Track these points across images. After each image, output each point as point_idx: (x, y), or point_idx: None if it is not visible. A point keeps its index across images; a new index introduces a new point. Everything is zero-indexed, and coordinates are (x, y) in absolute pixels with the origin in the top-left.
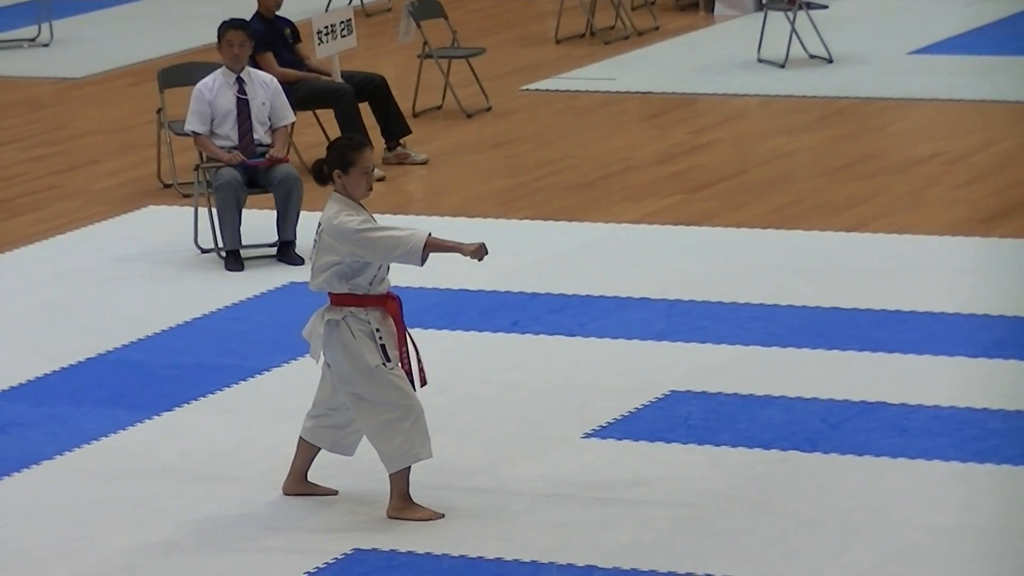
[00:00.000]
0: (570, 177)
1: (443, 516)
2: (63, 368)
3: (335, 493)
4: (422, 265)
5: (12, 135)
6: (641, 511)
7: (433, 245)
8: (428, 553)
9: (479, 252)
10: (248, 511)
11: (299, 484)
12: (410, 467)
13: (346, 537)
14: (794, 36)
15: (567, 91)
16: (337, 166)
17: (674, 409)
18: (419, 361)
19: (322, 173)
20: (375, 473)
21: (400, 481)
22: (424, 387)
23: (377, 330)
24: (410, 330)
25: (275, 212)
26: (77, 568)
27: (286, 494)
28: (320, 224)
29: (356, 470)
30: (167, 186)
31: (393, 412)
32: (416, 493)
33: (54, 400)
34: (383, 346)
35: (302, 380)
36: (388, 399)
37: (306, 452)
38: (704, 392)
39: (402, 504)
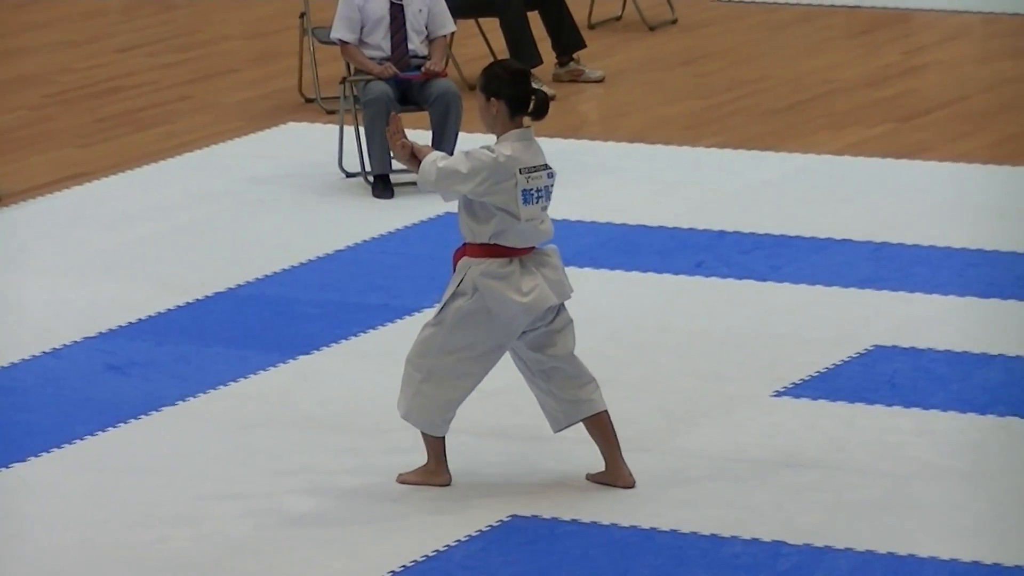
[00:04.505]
0: (766, 100)
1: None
2: (190, 303)
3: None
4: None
5: (140, 38)
6: (838, 480)
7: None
8: (594, 522)
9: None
10: (394, 468)
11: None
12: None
13: (503, 502)
14: None
15: (764, 2)
16: None
17: (878, 366)
18: None
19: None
20: (539, 431)
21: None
22: None
23: None
24: (568, 268)
25: (431, 132)
26: (204, 527)
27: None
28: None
29: (519, 427)
30: (309, 100)
31: None
32: (582, 452)
33: (180, 338)
34: None
35: None
36: None
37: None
38: (912, 348)
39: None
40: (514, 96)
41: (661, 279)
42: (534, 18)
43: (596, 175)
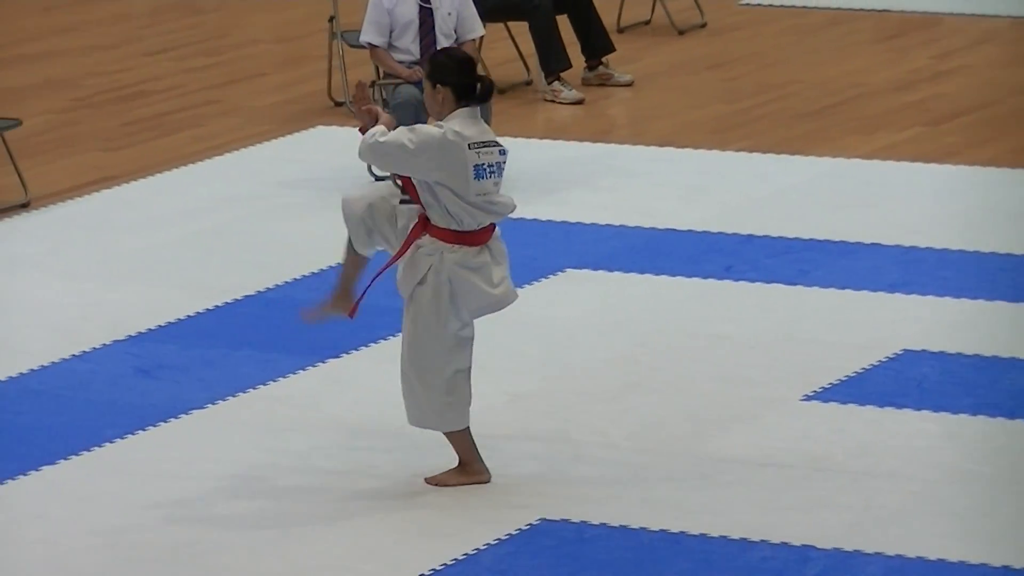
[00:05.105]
0: (794, 104)
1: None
2: (218, 306)
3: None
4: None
5: (168, 42)
6: (866, 485)
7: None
8: (623, 526)
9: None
10: (424, 471)
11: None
12: None
13: (531, 506)
14: None
15: (793, 7)
16: None
17: (907, 371)
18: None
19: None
20: (568, 434)
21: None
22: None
23: None
24: (596, 272)
25: None
26: (233, 530)
27: None
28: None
29: (547, 430)
30: (338, 104)
31: None
32: (611, 455)
33: (208, 342)
34: None
35: (487, 326)
36: None
37: None
38: (942, 352)
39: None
40: (460, 83)
41: (690, 283)
42: (563, 22)
43: (625, 179)
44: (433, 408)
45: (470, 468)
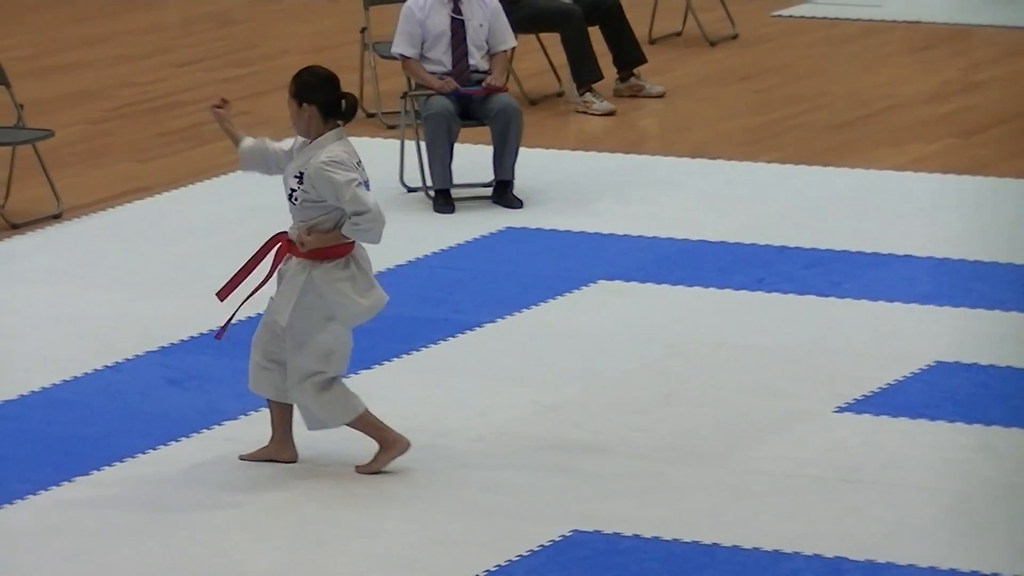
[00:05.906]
0: (826, 116)
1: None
2: (250, 317)
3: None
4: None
5: (200, 53)
6: (899, 497)
7: None
8: (656, 538)
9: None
10: (453, 482)
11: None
12: None
13: (564, 517)
14: None
15: (824, 18)
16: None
17: (939, 382)
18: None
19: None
20: (599, 445)
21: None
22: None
23: None
24: (628, 283)
25: (491, 147)
26: (263, 541)
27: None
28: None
29: (579, 441)
30: (370, 115)
31: None
32: (641, 468)
33: (240, 352)
34: None
35: (518, 337)
36: None
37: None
38: (974, 364)
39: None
40: (325, 101)
41: (721, 295)
42: (595, 33)
43: (656, 190)
44: (322, 410)
45: (387, 441)
